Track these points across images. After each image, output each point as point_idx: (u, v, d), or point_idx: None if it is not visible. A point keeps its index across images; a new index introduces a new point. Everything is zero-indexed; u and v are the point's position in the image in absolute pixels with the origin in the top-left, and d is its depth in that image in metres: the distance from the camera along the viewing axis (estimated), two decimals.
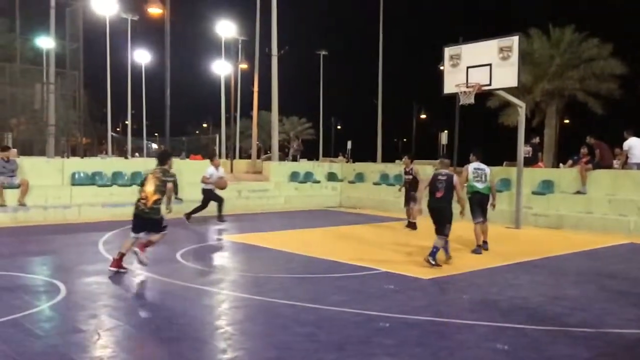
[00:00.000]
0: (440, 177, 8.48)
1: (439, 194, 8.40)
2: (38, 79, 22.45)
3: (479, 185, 9.58)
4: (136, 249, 7.41)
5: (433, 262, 7.96)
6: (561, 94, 29.69)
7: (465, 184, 9.60)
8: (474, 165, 9.69)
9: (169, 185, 7.51)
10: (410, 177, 12.72)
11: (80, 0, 20.60)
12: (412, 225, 12.39)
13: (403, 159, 13.72)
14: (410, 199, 12.60)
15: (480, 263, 8.43)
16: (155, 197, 7.43)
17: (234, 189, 17.05)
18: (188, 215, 12.90)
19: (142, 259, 7.39)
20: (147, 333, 5.05)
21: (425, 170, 18.18)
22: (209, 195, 13.11)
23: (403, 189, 13.14)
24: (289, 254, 9.10)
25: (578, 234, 12.35)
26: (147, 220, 7.46)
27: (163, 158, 8.07)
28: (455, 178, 8.58)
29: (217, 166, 13.33)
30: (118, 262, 7.44)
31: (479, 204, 9.58)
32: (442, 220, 8.32)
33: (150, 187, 7.45)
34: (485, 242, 9.66)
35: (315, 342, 4.78)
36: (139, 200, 7.50)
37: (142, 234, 7.52)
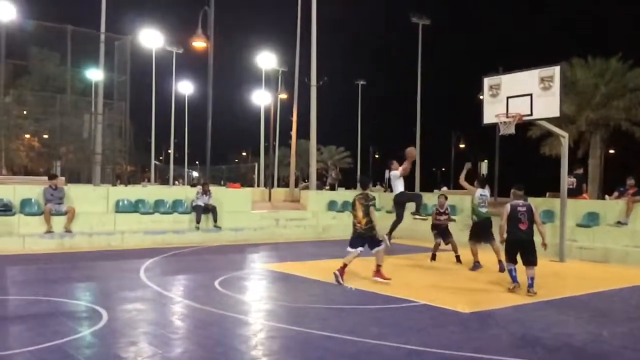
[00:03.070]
0: (520, 209, 8.51)
1: (523, 226, 8.43)
2: (87, 110, 23.32)
3: (483, 210, 11.05)
4: (337, 272, 8.87)
5: (535, 291, 8.32)
6: (606, 124, 28.94)
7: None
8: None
9: (372, 211, 8.96)
10: (446, 217, 12.18)
11: (129, 35, 21.44)
12: (457, 259, 12.02)
13: (438, 197, 12.93)
14: (445, 236, 12.19)
15: (523, 297, 8.19)
16: (366, 219, 8.93)
17: (272, 217, 17.17)
18: (389, 234, 11.73)
19: (339, 280, 8.80)
20: None
21: (463, 200, 17.96)
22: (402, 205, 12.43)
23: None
24: (327, 284, 9.04)
25: (625, 268, 11.89)
26: (365, 238, 8.99)
27: (365, 184, 10.12)
28: (534, 207, 8.63)
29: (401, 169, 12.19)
30: (341, 271, 8.92)
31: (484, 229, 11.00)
32: (532, 250, 8.46)
33: (359, 212, 8.99)
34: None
35: None
36: (354, 224, 9.11)
37: (359, 249, 9.00)
